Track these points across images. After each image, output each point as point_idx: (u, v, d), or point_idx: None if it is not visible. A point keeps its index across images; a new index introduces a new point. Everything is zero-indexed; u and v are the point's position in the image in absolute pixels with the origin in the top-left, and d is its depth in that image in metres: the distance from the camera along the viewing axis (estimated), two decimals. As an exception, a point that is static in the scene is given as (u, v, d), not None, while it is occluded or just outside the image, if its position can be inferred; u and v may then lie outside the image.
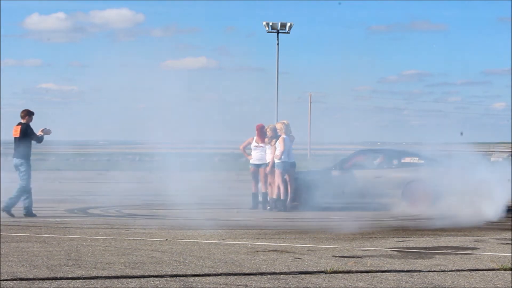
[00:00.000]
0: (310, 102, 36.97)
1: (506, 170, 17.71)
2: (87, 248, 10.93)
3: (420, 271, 9.27)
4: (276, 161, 18.91)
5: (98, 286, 8.03)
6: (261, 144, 19.44)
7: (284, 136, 19.03)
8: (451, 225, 14.80)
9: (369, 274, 8.99)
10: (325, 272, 9.01)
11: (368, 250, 11.12)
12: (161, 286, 8.09)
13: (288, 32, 37.66)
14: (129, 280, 8.42)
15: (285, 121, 19.51)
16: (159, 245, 11.44)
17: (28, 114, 17.04)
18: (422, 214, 17.60)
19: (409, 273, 9.12)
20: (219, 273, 8.95)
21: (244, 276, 8.75)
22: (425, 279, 8.70)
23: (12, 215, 16.37)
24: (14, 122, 17.27)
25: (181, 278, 8.58)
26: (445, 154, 20.00)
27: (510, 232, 13.77)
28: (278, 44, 37.51)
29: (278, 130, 19.18)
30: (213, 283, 8.28)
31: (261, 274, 8.92)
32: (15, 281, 8.19)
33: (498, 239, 12.77)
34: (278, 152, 18.87)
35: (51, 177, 31.80)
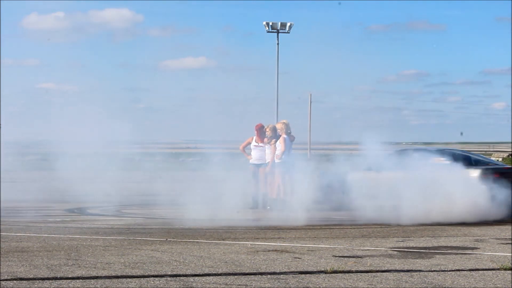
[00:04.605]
0: (310, 102, 37.13)
1: None
2: (87, 248, 10.93)
3: (420, 271, 9.26)
4: (276, 161, 18.91)
5: (98, 286, 8.03)
6: (260, 144, 19.44)
7: (285, 136, 19.03)
8: None
9: (369, 274, 8.99)
10: (325, 272, 9.01)
11: (368, 250, 11.12)
12: (161, 286, 8.09)
13: (288, 32, 37.66)
14: (129, 280, 8.42)
15: (285, 121, 19.51)
16: (159, 245, 11.44)
17: None
18: None
19: (409, 273, 9.12)
20: (219, 273, 8.95)
21: (244, 276, 8.75)
22: (425, 279, 8.70)
23: None
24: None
25: (181, 278, 8.58)
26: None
27: (510, 232, 13.77)
28: (278, 44, 37.52)
29: (278, 130, 19.17)
30: (213, 283, 8.28)
31: (261, 274, 8.92)
32: (15, 281, 8.19)
33: (498, 239, 12.78)
34: (278, 152, 18.87)
35: (51, 177, 31.77)
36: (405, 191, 16.34)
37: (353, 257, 10.35)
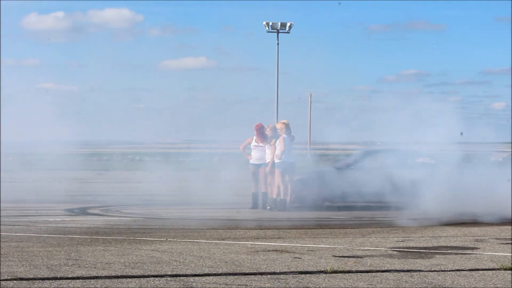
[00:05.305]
0: (310, 102, 37.20)
1: None
2: (87, 248, 10.93)
3: (420, 271, 9.27)
4: (276, 161, 18.92)
5: (98, 286, 8.03)
6: (260, 144, 19.45)
7: (285, 135, 19.04)
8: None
9: (369, 274, 8.99)
10: (325, 272, 9.01)
11: (368, 250, 11.12)
12: (161, 286, 8.09)
13: (288, 32, 37.65)
14: (129, 280, 8.42)
15: (285, 121, 19.53)
16: (159, 245, 11.45)
17: None
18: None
19: (409, 273, 9.12)
20: (219, 273, 8.95)
21: (244, 276, 8.75)
22: (425, 279, 8.70)
23: None
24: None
25: (181, 278, 8.59)
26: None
27: (510, 232, 13.77)
28: (278, 44, 37.51)
29: (278, 130, 19.19)
30: (213, 283, 8.28)
31: (261, 274, 8.92)
32: (15, 281, 8.19)
33: (498, 239, 12.78)
34: (278, 152, 18.88)
35: (51, 177, 31.80)
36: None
37: (353, 257, 10.35)
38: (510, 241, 12.42)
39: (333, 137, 21.22)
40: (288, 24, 37.54)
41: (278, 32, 37.30)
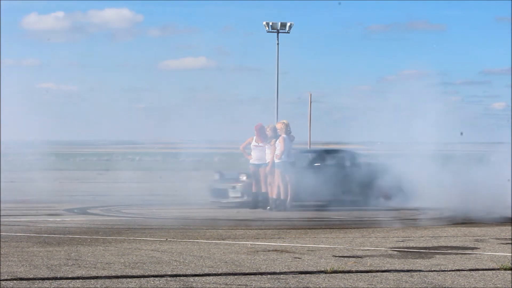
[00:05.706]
0: (310, 102, 37.11)
1: None
2: (87, 248, 10.94)
3: (420, 271, 9.27)
4: (276, 160, 18.93)
5: (98, 286, 8.03)
6: (260, 144, 19.45)
7: (284, 135, 19.05)
8: None
9: (369, 274, 9.00)
10: (325, 272, 9.01)
11: (368, 250, 11.12)
12: (161, 286, 8.09)
13: (288, 32, 37.64)
14: (129, 280, 8.42)
15: (285, 121, 19.54)
16: (159, 245, 11.45)
17: None
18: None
19: (409, 273, 9.12)
20: (219, 273, 8.95)
21: (244, 276, 8.75)
22: (425, 279, 8.70)
23: None
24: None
25: (181, 278, 8.59)
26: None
27: (510, 232, 13.77)
28: (278, 44, 37.48)
29: (278, 130, 19.20)
30: (213, 283, 8.28)
31: (261, 274, 8.92)
32: (15, 281, 8.19)
33: (498, 239, 12.78)
34: (278, 152, 18.89)
35: (51, 177, 31.78)
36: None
37: (353, 257, 10.35)
38: (510, 241, 12.42)
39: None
40: (288, 24, 37.53)
41: (278, 32, 37.27)
